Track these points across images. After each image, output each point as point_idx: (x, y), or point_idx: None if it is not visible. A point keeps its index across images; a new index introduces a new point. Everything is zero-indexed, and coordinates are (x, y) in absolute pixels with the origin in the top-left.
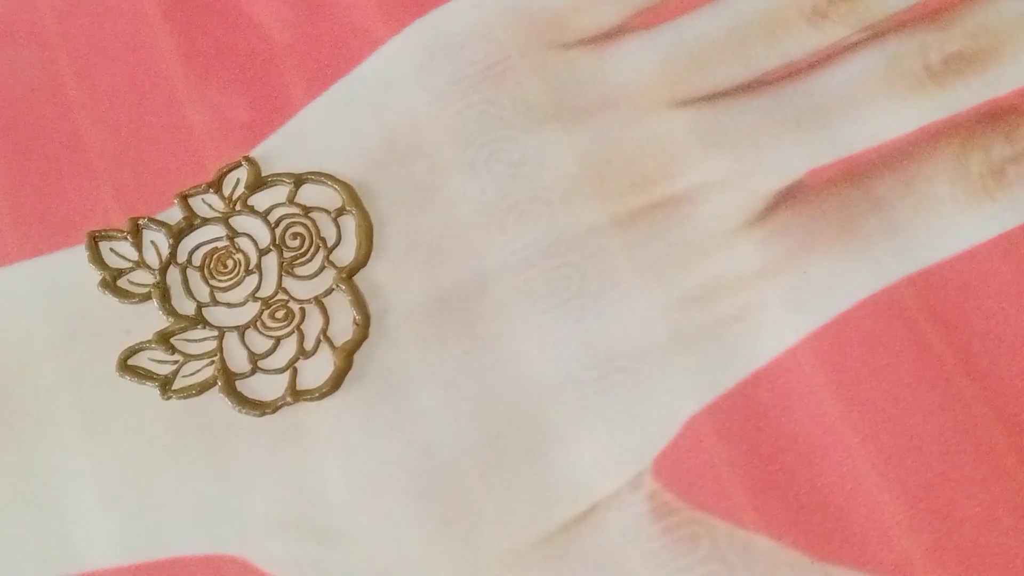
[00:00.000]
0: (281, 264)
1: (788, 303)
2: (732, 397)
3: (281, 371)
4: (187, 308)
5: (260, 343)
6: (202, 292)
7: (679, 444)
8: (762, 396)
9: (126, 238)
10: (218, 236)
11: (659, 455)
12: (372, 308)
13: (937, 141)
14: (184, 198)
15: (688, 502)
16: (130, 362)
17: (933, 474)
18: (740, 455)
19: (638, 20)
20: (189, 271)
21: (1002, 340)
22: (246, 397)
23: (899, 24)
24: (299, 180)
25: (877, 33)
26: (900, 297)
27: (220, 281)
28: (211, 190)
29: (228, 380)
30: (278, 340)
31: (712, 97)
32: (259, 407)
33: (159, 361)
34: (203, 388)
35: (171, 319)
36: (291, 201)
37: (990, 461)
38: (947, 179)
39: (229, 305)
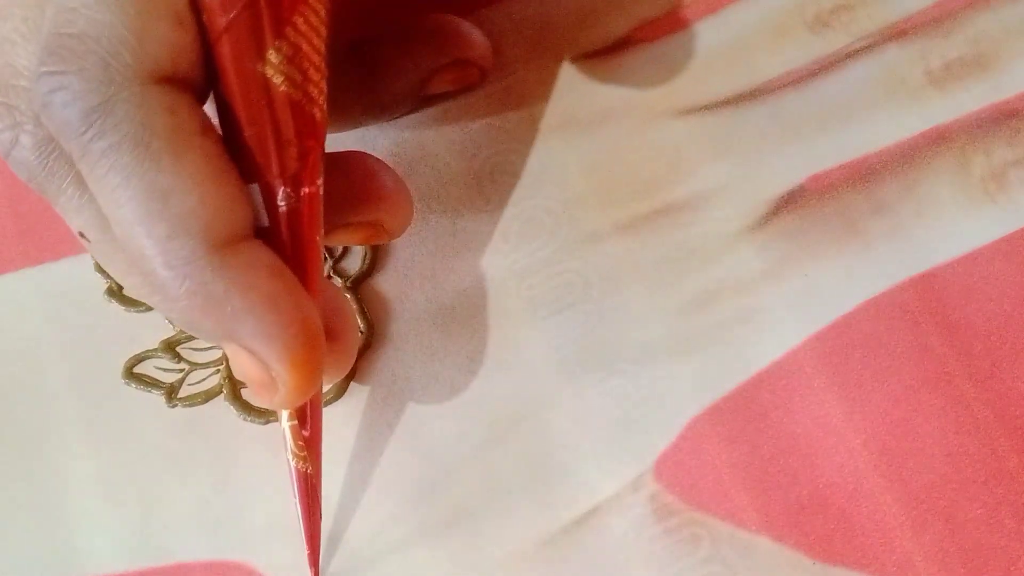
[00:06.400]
0: None
1: (790, 306)
2: (733, 399)
3: None
4: None
5: None
6: None
7: (680, 446)
8: (763, 398)
9: None
10: None
11: (660, 457)
12: (377, 316)
13: (939, 145)
14: None
15: (689, 503)
16: (135, 370)
17: (935, 476)
18: (741, 456)
19: (642, 33)
20: None
21: (1004, 342)
22: (251, 405)
23: (900, 32)
24: None
25: (878, 40)
26: (902, 299)
27: None
28: None
29: (233, 388)
30: None
31: (715, 106)
32: (264, 415)
33: (165, 369)
34: (208, 396)
35: (177, 328)
36: None
37: (992, 463)
38: (949, 182)
39: None
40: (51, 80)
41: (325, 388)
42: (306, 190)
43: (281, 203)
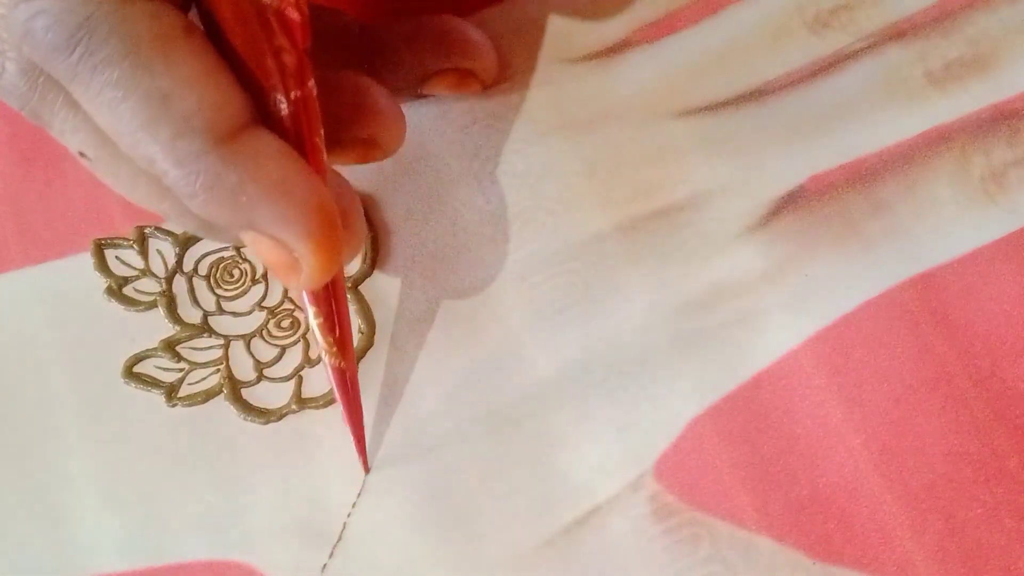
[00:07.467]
0: None
1: (790, 306)
2: (734, 399)
3: (286, 379)
4: (193, 317)
5: (266, 351)
6: (208, 301)
7: (681, 446)
8: (764, 398)
9: (132, 246)
10: (225, 246)
11: (661, 457)
12: (377, 317)
13: (938, 145)
14: None
15: (689, 503)
16: (135, 369)
17: (935, 476)
18: (742, 456)
19: (642, 34)
20: (195, 280)
21: (1004, 342)
22: (251, 405)
23: (900, 32)
24: None
25: (878, 41)
26: (902, 299)
27: (226, 290)
28: None
29: (234, 388)
30: (284, 349)
31: (715, 107)
32: (264, 415)
33: (165, 369)
34: (208, 396)
35: (177, 327)
36: None
37: (992, 463)
38: (948, 182)
39: (235, 314)
40: (29, 6)
41: (323, 389)
42: (297, 93)
43: (277, 107)
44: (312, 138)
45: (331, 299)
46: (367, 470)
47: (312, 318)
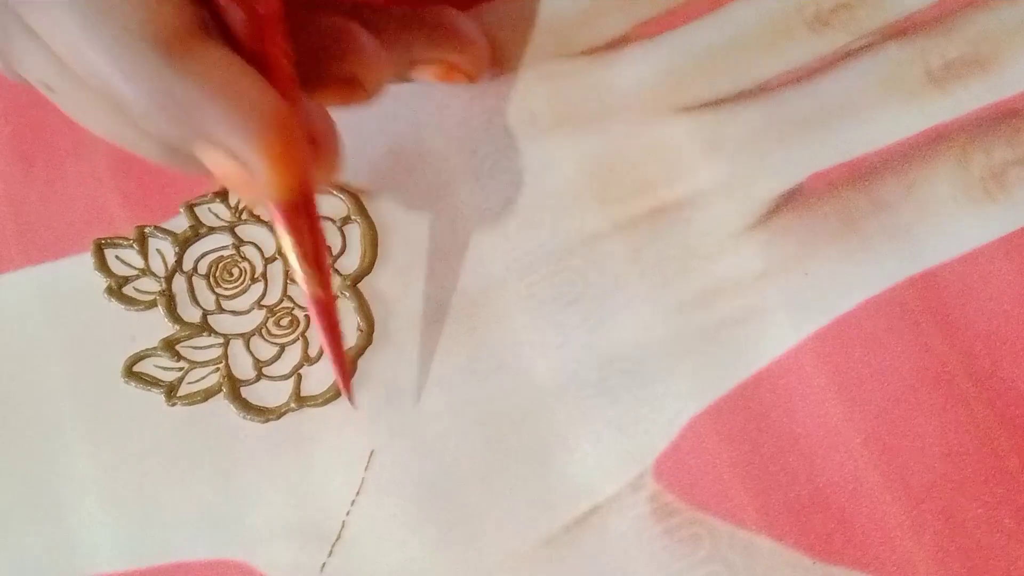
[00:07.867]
0: (286, 272)
1: (789, 304)
2: (733, 398)
3: (286, 377)
4: (193, 316)
5: (265, 350)
6: (208, 300)
7: (680, 445)
8: (763, 397)
9: (132, 246)
10: (224, 244)
11: (660, 456)
12: (376, 315)
13: (939, 144)
14: (190, 207)
15: (689, 503)
16: (135, 368)
17: (935, 475)
18: (741, 456)
19: (641, 30)
20: (195, 279)
21: (1004, 341)
22: (251, 403)
23: (900, 31)
24: None
25: (878, 39)
26: (902, 298)
27: (226, 289)
28: (217, 199)
29: (233, 387)
30: (283, 347)
31: (714, 104)
32: (264, 413)
33: (164, 368)
34: (208, 395)
35: (177, 326)
36: None
37: (992, 462)
38: (949, 181)
39: (235, 313)
40: None
41: (322, 388)
42: (259, 9)
43: (236, 22)
44: (276, 56)
45: (306, 228)
46: (352, 403)
47: (289, 249)
